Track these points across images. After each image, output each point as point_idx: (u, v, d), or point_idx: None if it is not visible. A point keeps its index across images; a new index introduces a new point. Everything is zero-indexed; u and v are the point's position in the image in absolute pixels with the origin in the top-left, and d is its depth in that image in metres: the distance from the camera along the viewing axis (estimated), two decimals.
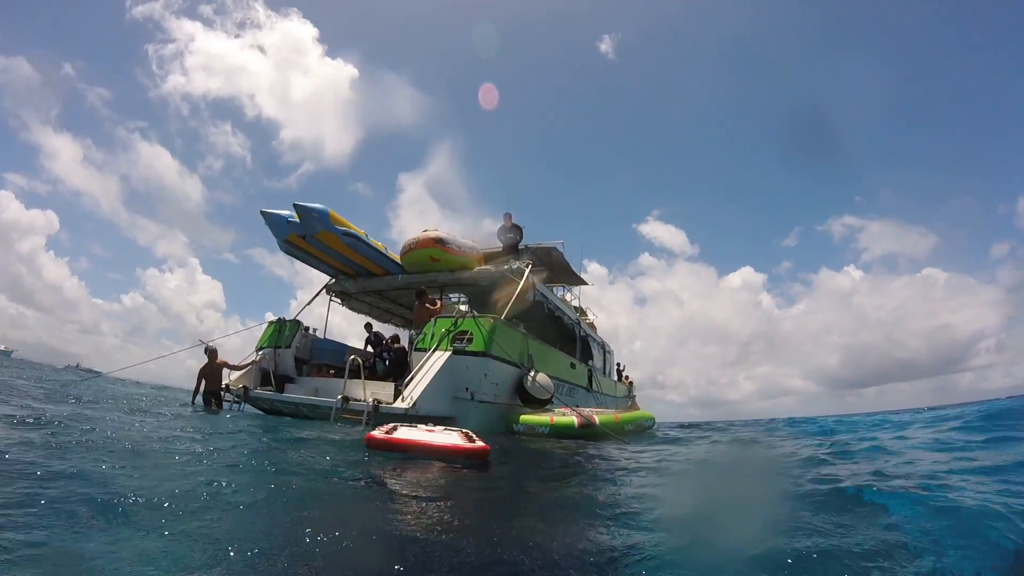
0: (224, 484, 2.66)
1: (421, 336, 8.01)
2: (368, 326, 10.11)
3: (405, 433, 4.07)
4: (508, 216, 11.17)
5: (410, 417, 6.83)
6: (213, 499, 2.44)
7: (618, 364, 18.88)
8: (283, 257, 9.68)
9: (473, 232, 11.20)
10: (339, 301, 11.28)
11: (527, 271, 9.40)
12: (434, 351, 7.54)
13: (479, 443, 3.83)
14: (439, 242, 9.70)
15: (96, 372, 12.93)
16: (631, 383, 19.62)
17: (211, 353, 8.66)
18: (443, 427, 5.17)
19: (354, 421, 6.63)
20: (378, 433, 3.93)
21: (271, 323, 9.83)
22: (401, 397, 6.91)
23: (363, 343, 9.93)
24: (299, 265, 10.12)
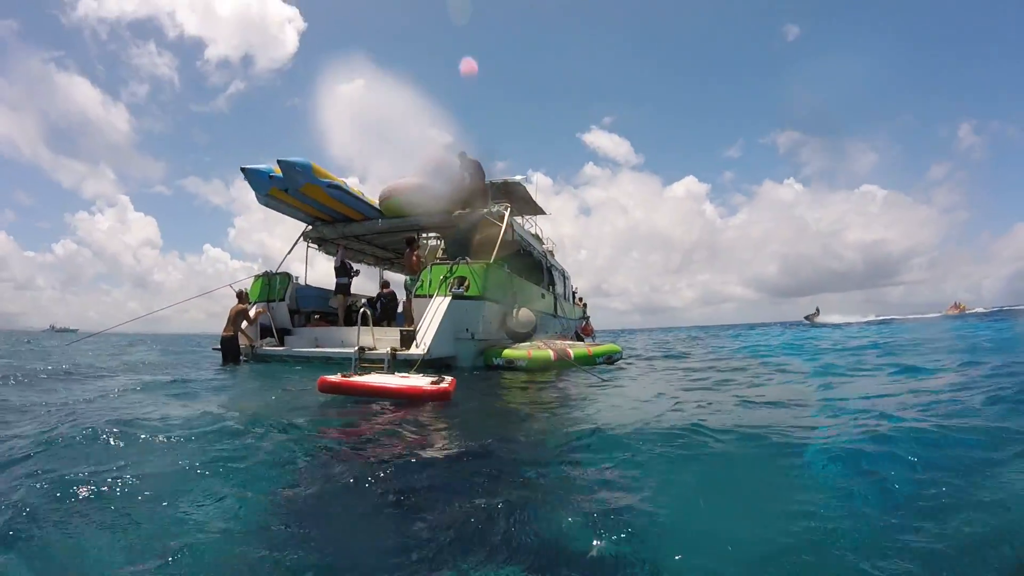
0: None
1: (419, 283, 8.49)
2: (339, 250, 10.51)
3: (366, 377, 4.01)
4: (463, 155, 10.38)
5: (424, 364, 7.39)
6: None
7: (573, 288, 20.12)
8: (218, 183, 9.44)
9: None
10: (316, 247, 11.36)
11: (507, 214, 9.88)
12: (434, 297, 8.10)
13: (443, 385, 3.79)
14: (419, 188, 9.90)
15: (72, 330, 12.58)
16: (584, 305, 21.07)
17: (240, 296, 8.37)
18: (419, 375, 5.06)
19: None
20: (333, 377, 3.84)
21: (258, 277, 9.87)
22: (415, 343, 7.49)
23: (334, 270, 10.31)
24: (235, 191, 9.97)
